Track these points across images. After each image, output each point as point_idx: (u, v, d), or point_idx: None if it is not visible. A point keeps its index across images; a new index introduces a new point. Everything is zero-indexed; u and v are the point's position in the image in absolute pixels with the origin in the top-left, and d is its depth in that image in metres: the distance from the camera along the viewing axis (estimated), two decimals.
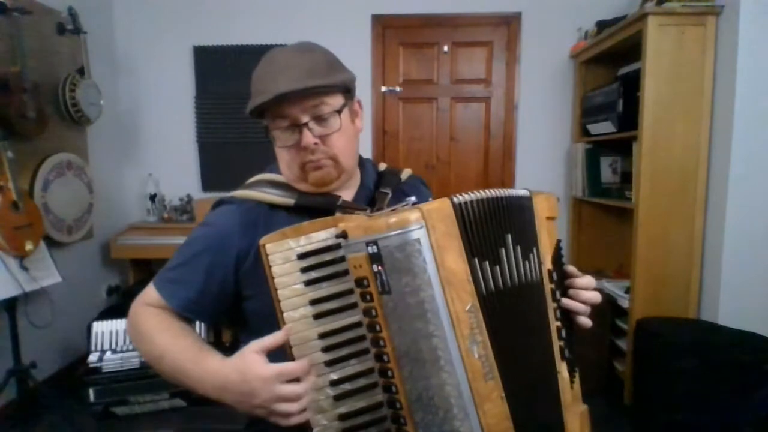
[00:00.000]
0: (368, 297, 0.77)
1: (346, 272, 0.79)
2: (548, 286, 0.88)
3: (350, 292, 0.79)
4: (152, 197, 3.28)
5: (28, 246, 2.22)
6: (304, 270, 0.80)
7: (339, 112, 0.91)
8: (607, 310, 2.56)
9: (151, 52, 3.33)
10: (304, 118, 0.89)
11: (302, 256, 0.80)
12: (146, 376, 2.40)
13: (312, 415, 0.77)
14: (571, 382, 0.88)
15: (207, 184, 3.39)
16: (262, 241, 0.80)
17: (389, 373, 0.77)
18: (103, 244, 3.13)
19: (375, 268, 0.75)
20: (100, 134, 3.07)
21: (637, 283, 2.35)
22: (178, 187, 3.35)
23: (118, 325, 2.51)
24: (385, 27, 3.26)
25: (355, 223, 0.78)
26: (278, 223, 0.88)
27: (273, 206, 0.95)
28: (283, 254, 0.80)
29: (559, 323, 0.88)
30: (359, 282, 0.77)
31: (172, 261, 0.96)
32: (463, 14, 3.22)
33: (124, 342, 2.48)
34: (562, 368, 0.87)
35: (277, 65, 0.90)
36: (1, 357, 2.34)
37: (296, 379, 0.75)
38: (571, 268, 0.94)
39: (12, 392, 2.35)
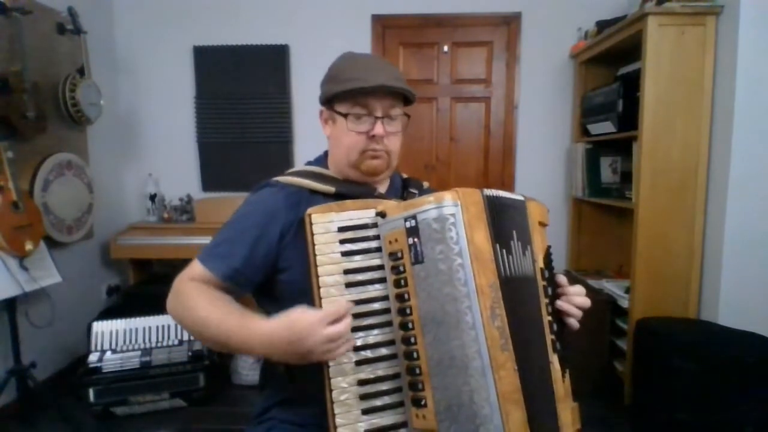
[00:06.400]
0: (401, 269, 0.85)
1: (378, 249, 0.89)
2: (541, 283, 0.95)
3: (380, 267, 0.88)
4: (152, 197, 3.28)
5: (28, 246, 2.22)
6: (342, 242, 0.89)
7: (407, 116, 1.07)
8: (607, 310, 2.56)
9: (151, 52, 3.33)
10: (380, 113, 1.02)
11: (342, 229, 0.90)
12: (146, 376, 2.40)
13: (333, 377, 0.84)
14: (563, 376, 0.93)
15: (207, 184, 3.39)
16: (309, 210, 0.90)
17: (412, 339, 0.83)
18: (103, 244, 3.12)
19: (410, 240, 0.84)
20: (100, 134, 3.08)
21: (637, 283, 2.35)
22: (178, 187, 3.35)
23: (118, 325, 2.51)
24: (385, 27, 3.26)
25: (394, 205, 0.89)
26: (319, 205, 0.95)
27: (313, 192, 1.04)
28: (325, 225, 0.89)
29: (550, 318, 0.94)
30: (393, 255, 0.86)
31: (218, 237, 1.03)
32: (463, 14, 3.22)
33: (124, 342, 2.48)
34: (554, 360, 0.92)
35: (368, 62, 1.05)
36: (1, 357, 2.34)
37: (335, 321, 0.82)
38: (561, 278, 1.01)
39: (12, 392, 2.35)
